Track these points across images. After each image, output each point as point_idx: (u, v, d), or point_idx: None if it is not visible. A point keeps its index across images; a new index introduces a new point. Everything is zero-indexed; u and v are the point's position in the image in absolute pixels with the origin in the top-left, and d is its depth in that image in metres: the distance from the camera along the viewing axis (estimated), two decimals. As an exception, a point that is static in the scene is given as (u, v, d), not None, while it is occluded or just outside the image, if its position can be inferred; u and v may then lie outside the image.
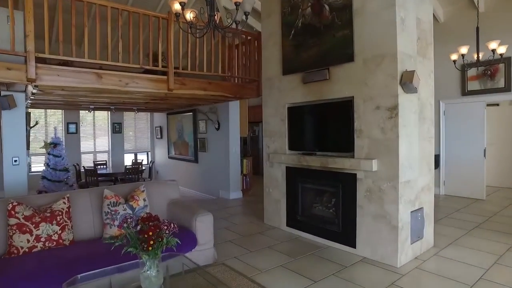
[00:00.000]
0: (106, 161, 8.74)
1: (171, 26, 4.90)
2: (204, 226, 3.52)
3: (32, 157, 8.62)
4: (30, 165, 8.48)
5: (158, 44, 4.81)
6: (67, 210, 3.15)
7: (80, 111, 9.13)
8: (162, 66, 4.90)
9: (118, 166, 9.38)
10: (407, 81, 3.32)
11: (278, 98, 4.84)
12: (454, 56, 5.05)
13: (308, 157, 4.26)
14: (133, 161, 8.93)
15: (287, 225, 4.76)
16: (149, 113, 10.47)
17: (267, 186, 5.12)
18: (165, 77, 4.96)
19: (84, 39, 4.23)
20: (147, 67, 4.80)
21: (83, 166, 7.48)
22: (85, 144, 9.41)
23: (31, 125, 5.42)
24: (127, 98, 5.99)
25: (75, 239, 3.18)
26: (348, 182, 3.88)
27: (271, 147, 4.97)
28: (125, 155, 10.09)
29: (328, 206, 4.33)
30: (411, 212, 3.58)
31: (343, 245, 3.97)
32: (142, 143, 10.52)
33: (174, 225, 2.08)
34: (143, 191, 3.67)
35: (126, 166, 7.26)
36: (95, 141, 9.58)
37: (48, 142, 5.61)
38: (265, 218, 5.19)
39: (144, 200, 3.63)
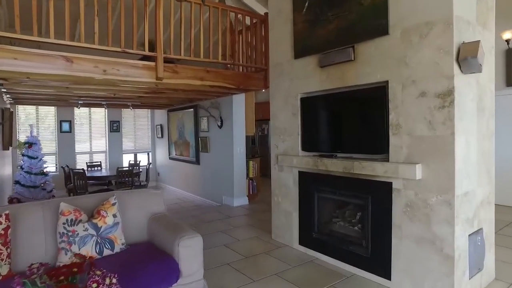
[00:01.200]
0: (100, 162, 7.99)
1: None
2: (189, 252, 2.67)
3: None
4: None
5: (144, 22, 3.98)
6: (2, 232, 2.33)
7: (75, 108, 8.42)
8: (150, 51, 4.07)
9: (115, 168, 8.62)
10: (468, 55, 2.39)
11: (288, 88, 3.95)
12: (507, 35, 4.07)
13: (327, 160, 3.36)
14: (130, 162, 8.16)
15: (300, 243, 3.88)
16: (149, 111, 9.71)
17: (275, 195, 4.24)
18: (153, 63, 4.13)
19: (49, 14, 3.43)
20: (131, 51, 3.97)
21: (70, 168, 6.73)
22: (80, 144, 8.69)
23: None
24: (112, 91, 5.18)
25: (14, 270, 2.36)
26: (380, 193, 2.97)
27: (281, 147, 4.09)
28: (124, 155, 9.35)
29: (352, 222, 3.42)
30: (469, 235, 2.64)
31: (373, 274, 3.05)
32: (142, 142, 9.77)
33: (112, 281, 1.22)
34: (113, 204, 2.84)
35: (119, 168, 6.48)
36: (91, 140, 8.87)
37: (23, 141, 4.86)
38: (273, 233, 4.31)
39: (115, 216, 2.80)
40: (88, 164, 7.77)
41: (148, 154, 9.89)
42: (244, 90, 5.61)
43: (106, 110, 8.91)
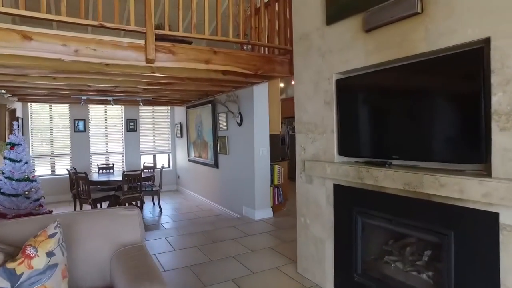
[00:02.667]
0: (112, 164, 7.30)
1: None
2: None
3: (36, 158, 7.45)
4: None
5: (127, -13, 3.06)
6: None
7: (90, 105, 7.82)
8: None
9: (133, 169, 7.92)
10: None
11: (319, 67, 2.83)
12: None
13: (376, 170, 2.21)
14: (144, 164, 7.40)
15: (336, 285, 2.74)
16: (168, 108, 8.94)
17: (302, 214, 3.13)
18: (141, 41, 3.19)
19: (-4, -26, 2.60)
20: (111, 25, 3.05)
21: (68, 170, 6.05)
22: (96, 145, 8.09)
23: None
24: (100, 81, 4.33)
25: None
26: (473, 228, 1.78)
27: (309, 150, 2.98)
28: (142, 156, 8.64)
29: (416, 266, 2.24)
30: None
31: None
32: (162, 143, 9.02)
33: None
34: (52, 235, 1.90)
35: (125, 172, 5.67)
36: (107, 141, 8.24)
37: (5, 142, 4.17)
38: (299, 266, 3.21)
39: (51, 254, 1.85)
40: (99, 166, 7.09)
41: (168, 155, 9.13)
42: (264, 77, 4.55)
43: (123, 107, 8.25)
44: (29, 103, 7.28)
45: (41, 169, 7.54)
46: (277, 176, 5.50)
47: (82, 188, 5.54)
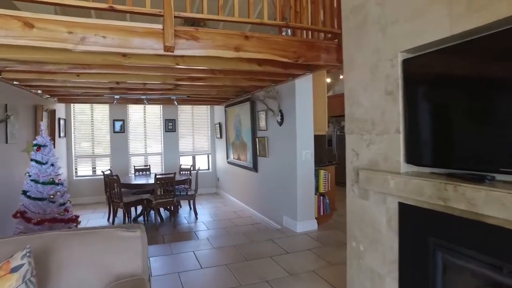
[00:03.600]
0: (149, 166, 7.07)
1: None
2: None
3: (78, 159, 7.49)
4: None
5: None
6: None
7: (129, 105, 7.70)
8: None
9: (172, 171, 7.66)
10: None
11: (377, 44, 2.11)
12: None
13: (473, 187, 1.46)
14: (181, 166, 7.07)
15: None
16: (208, 107, 8.57)
17: (353, 237, 2.42)
18: (158, 27, 2.72)
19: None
20: (122, 7, 2.60)
21: (103, 172, 5.85)
22: (134, 145, 7.96)
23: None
24: (123, 76, 3.96)
25: None
26: None
27: (364, 155, 2.27)
28: (181, 158, 8.38)
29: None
30: None
31: None
32: (201, 144, 8.68)
33: None
34: (16, 268, 1.45)
35: (157, 175, 5.33)
36: (145, 141, 8.08)
37: (32, 143, 3.97)
38: (349, 303, 2.51)
39: (12, 296, 1.40)
40: (135, 168, 6.90)
41: (207, 157, 8.78)
42: (307, 67, 3.87)
43: (161, 107, 8.04)
44: (71, 104, 7.32)
45: (83, 170, 7.57)
46: (322, 183, 4.78)
47: (115, 191, 5.30)
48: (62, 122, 6.79)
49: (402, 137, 1.93)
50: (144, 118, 8.03)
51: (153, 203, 5.34)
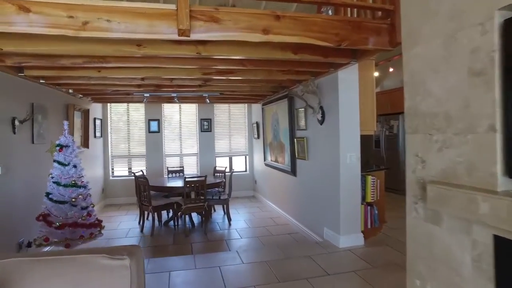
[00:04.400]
0: (182, 167, 6.80)
1: None
2: None
3: (115, 159, 7.45)
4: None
5: None
6: None
7: (163, 104, 7.52)
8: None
9: (207, 173, 7.36)
10: None
11: (456, 5, 1.47)
12: None
13: None
14: (215, 168, 6.70)
15: None
16: (245, 106, 8.15)
17: (416, 273, 1.79)
18: (170, 7, 2.30)
19: None
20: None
21: (134, 173, 5.63)
22: (169, 146, 7.77)
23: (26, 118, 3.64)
24: (140, 71, 3.62)
25: None
26: None
27: (433, 162, 1.63)
28: (217, 159, 8.04)
29: None
30: None
31: None
32: (238, 144, 8.28)
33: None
34: None
35: (186, 178, 4.98)
36: (181, 141, 7.85)
37: (55, 143, 3.79)
38: None
39: None
40: (169, 169, 6.66)
41: (245, 158, 8.36)
42: (352, 54, 3.26)
43: (197, 106, 7.77)
44: (108, 104, 7.29)
45: (119, 170, 7.51)
46: (370, 191, 4.10)
47: (144, 194, 5.05)
48: (98, 122, 6.75)
49: (500, 138, 1.28)
50: (180, 117, 7.81)
51: (182, 208, 5.00)
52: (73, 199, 3.68)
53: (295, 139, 5.23)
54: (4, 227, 3.41)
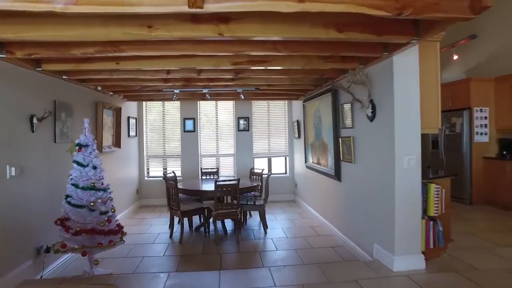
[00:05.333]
0: (217, 169, 6.41)
1: None
2: None
3: (150, 159, 7.28)
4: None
5: None
6: None
7: (199, 101, 7.20)
8: None
9: (244, 175, 6.94)
10: None
11: None
12: None
13: None
14: (252, 170, 6.22)
15: None
16: (285, 103, 7.58)
17: None
18: (180, -31, 1.82)
19: None
20: None
21: (164, 174, 5.31)
22: (205, 146, 7.43)
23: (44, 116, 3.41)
24: (159, 61, 3.20)
25: None
26: None
27: None
28: (255, 160, 7.56)
29: None
30: None
31: None
32: (277, 144, 7.72)
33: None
34: None
35: (217, 181, 4.54)
36: (217, 141, 7.48)
37: (75, 142, 3.53)
38: None
39: None
40: (202, 170, 6.30)
41: (285, 159, 7.79)
42: (415, 28, 2.56)
43: (234, 104, 7.35)
44: (143, 103, 7.13)
45: (155, 170, 7.32)
46: (434, 203, 3.33)
47: (173, 198, 4.70)
48: (132, 121, 6.58)
49: None
50: (216, 116, 7.44)
51: (212, 214, 4.58)
52: (92, 203, 3.38)
53: (339, 139, 4.57)
54: (20, 231, 3.19)
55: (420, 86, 3.26)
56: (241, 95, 5.22)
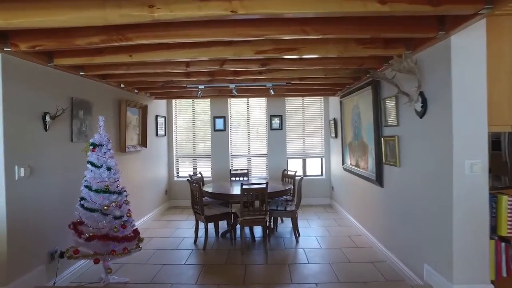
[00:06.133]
0: (247, 170, 6.02)
1: None
2: None
3: (180, 159, 7.09)
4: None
5: None
6: None
7: (230, 99, 6.87)
8: None
9: (276, 177, 6.52)
10: None
11: None
12: None
13: None
14: (284, 172, 5.75)
15: None
16: (321, 99, 7.02)
17: None
18: None
19: None
20: None
21: (190, 176, 5.02)
22: (236, 145, 7.09)
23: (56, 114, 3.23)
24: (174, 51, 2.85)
25: None
26: None
27: None
28: (289, 161, 7.09)
29: None
30: None
31: None
32: (313, 144, 7.18)
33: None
34: None
35: (243, 185, 4.15)
36: (249, 141, 7.10)
37: (89, 142, 3.31)
38: None
39: None
40: (232, 172, 5.95)
41: (321, 160, 7.23)
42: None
43: (266, 101, 6.94)
44: (173, 101, 6.94)
45: (184, 171, 7.11)
46: (506, 219, 2.66)
47: (197, 201, 4.39)
48: (161, 119, 6.41)
49: None
50: (247, 114, 7.07)
51: (238, 220, 4.20)
52: (105, 207, 3.14)
53: (381, 139, 3.98)
54: (32, 234, 3.02)
55: (488, 74, 2.62)
56: (271, 91, 4.78)
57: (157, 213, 6.16)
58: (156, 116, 6.17)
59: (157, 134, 6.19)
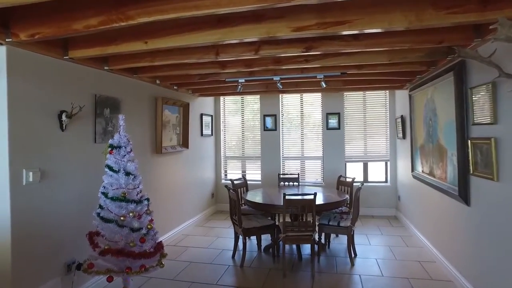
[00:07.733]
0: (298, 175, 5.33)
1: None
2: None
3: (228, 160, 6.67)
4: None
5: None
6: None
7: (281, 95, 6.23)
8: None
9: (332, 183, 5.73)
10: None
11: None
12: None
13: None
14: (346, 178, 4.94)
15: None
16: (386, 93, 6.02)
17: None
18: None
19: None
20: None
21: (232, 181, 4.51)
22: (288, 147, 6.43)
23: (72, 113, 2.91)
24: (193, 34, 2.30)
25: None
26: None
27: None
28: (348, 164, 6.23)
29: None
30: None
31: None
32: (376, 146, 6.21)
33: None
34: None
35: (286, 194, 3.48)
36: (302, 142, 6.39)
37: (108, 143, 2.96)
38: None
39: None
40: (280, 176, 5.32)
41: (385, 165, 6.23)
42: None
43: (321, 96, 6.17)
44: (221, 98, 6.53)
45: (233, 173, 6.66)
46: None
47: (235, 211, 3.86)
48: (207, 118, 6.03)
49: None
50: (301, 112, 6.36)
51: (280, 237, 3.56)
52: (122, 218, 2.75)
53: (468, 141, 3.01)
54: (47, 243, 2.76)
55: None
56: (322, 83, 4.03)
57: (201, 218, 5.79)
58: (201, 115, 5.81)
59: (202, 134, 5.82)
